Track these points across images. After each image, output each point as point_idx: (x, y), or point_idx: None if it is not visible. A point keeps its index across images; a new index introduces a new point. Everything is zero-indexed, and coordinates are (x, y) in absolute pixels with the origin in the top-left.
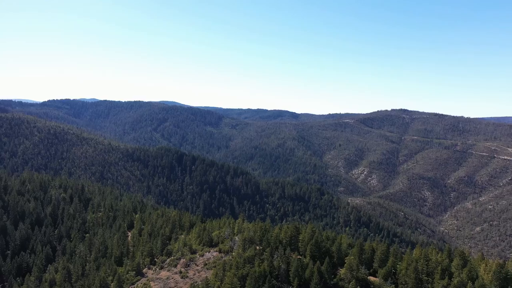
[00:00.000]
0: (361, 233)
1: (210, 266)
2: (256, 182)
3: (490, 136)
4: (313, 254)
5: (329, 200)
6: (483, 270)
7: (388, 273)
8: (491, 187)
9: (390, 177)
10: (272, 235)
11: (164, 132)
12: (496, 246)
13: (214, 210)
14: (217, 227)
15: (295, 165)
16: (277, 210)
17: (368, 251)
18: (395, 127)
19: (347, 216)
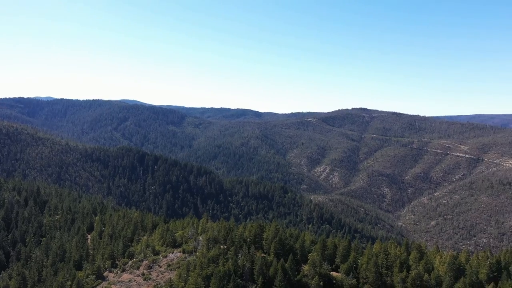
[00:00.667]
0: (324, 230)
1: (174, 267)
2: (220, 181)
3: (444, 134)
4: (277, 252)
5: (293, 198)
6: (438, 262)
7: (350, 268)
8: (445, 182)
9: (351, 174)
10: (237, 234)
11: (125, 132)
12: (450, 239)
13: (178, 210)
14: (181, 227)
15: (258, 163)
16: (241, 209)
17: (331, 247)
18: (355, 125)
19: (310, 214)
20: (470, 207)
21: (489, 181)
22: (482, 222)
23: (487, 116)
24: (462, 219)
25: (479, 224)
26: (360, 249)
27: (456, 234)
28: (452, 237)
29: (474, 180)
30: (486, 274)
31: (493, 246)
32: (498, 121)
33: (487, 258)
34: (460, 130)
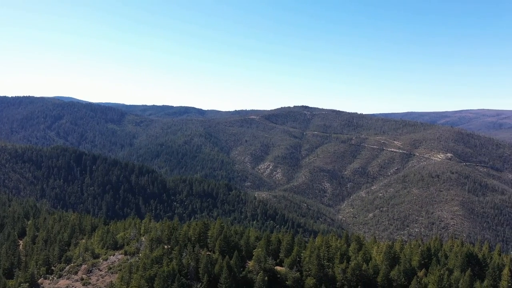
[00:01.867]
0: (268, 226)
1: (115, 269)
2: (162, 180)
3: (380, 131)
4: (222, 249)
5: (237, 195)
6: (375, 252)
7: (294, 262)
8: (381, 176)
9: (293, 171)
10: (181, 233)
11: (59, 130)
12: (386, 230)
13: (118, 211)
14: (122, 228)
15: (202, 161)
16: (185, 208)
17: (275, 242)
18: (297, 123)
19: (254, 210)
20: (403, 199)
21: (420, 174)
22: (414, 213)
23: (418, 114)
24: (397, 211)
25: (411, 215)
26: (303, 243)
27: (391, 225)
28: (388, 228)
29: (407, 173)
30: (418, 261)
31: (424, 235)
32: (427, 119)
33: (418, 246)
34: (394, 127)
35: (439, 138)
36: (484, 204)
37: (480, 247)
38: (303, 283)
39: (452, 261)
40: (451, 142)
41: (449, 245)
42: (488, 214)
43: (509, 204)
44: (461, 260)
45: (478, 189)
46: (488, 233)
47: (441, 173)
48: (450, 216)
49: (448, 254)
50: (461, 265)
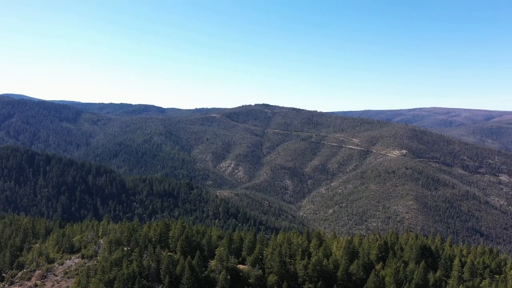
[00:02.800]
0: (230, 224)
1: (72, 274)
2: (121, 180)
3: (339, 128)
4: (184, 249)
5: (198, 194)
6: (335, 247)
7: (256, 260)
8: (340, 173)
9: (255, 169)
10: (141, 234)
11: (10, 130)
12: (345, 225)
13: (75, 213)
14: (79, 231)
15: (163, 160)
16: (145, 208)
17: (237, 240)
18: (258, 121)
19: (216, 209)
20: (361, 194)
21: (377, 170)
22: (372, 208)
23: (375, 112)
24: (355, 206)
25: (369, 210)
26: (265, 241)
27: (350, 220)
28: (347, 223)
29: (364, 170)
30: (376, 255)
31: (381, 229)
32: (384, 116)
33: (376, 240)
34: (352, 125)
35: (395, 135)
36: (436, 198)
37: (433, 239)
38: (266, 280)
39: (407, 254)
40: (405, 139)
41: (405, 238)
42: (440, 207)
43: (458, 197)
44: (415, 252)
45: (431, 184)
46: (440, 225)
47: (397, 169)
48: (405, 210)
49: (403, 247)
50: (416, 257)
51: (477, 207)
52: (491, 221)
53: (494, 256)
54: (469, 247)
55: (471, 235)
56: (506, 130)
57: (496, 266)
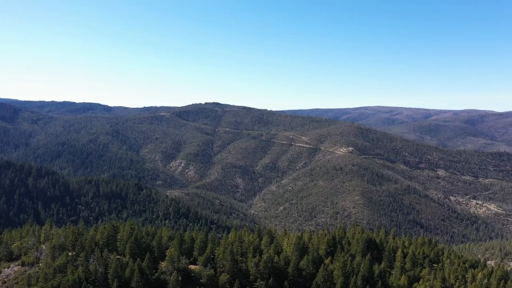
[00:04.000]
0: (181, 224)
1: (11, 283)
2: (65, 182)
3: (288, 127)
4: (133, 252)
5: (148, 195)
6: (286, 244)
7: (208, 259)
8: (290, 170)
9: (206, 168)
10: (87, 238)
11: None
12: (295, 221)
13: (14, 218)
14: (18, 237)
15: (110, 161)
16: (91, 211)
17: (188, 241)
18: (209, 119)
19: (167, 209)
20: (311, 191)
21: (325, 167)
22: (321, 204)
23: (323, 110)
24: (305, 203)
25: (318, 206)
26: (216, 240)
27: (300, 216)
28: (297, 219)
29: (313, 167)
30: (325, 250)
31: (329, 224)
32: (331, 115)
33: (325, 235)
34: (301, 123)
35: (342, 133)
36: (380, 193)
37: (377, 233)
38: (217, 279)
39: (354, 247)
40: (352, 137)
41: (352, 233)
42: (384, 201)
43: (401, 192)
44: (362, 246)
45: (376, 179)
46: (384, 219)
47: (344, 165)
48: (352, 205)
49: (351, 241)
50: (362, 250)
51: (417, 200)
52: (430, 213)
53: (433, 246)
54: (410, 238)
55: (412, 227)
56: (443, 128)
57: (435, 256)
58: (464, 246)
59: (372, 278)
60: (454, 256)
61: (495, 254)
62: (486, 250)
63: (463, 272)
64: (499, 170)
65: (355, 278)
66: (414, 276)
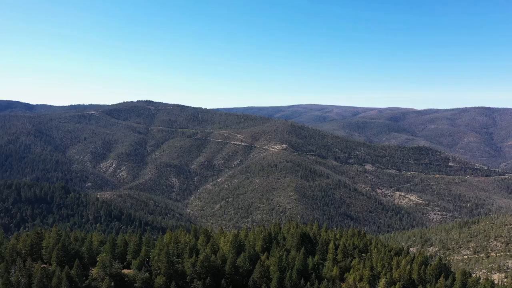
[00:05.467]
0: (113, 227)
1: None
2: None
3: (224, 125)
4: (60, 260)
5: (76, 198)
6: (223, 242)
7: (142, 262)
8: (226, 169)
9: (139, 168)
10: (7, 248)
11: None
12: (232, 219)
13: None
14: None
15: (32, 163)
16: (12, 217)
17: (121, 244)
18: (141, 118)
19: (97, 212)
20: (247, 188)
21: (260, 164)
22: (257, 201)
23: (257, 108)
24: (241, 200)
25: (254, 202)
26: (151, 242)
27: (237, 214)
28: (234, 217)
29: (249, 164)
30: (261, 246)
31: (265, 220)
32: (266, 113)
33: (261, 232)
34: (236, 121)
35: (276, 131)
36: (313, 188)
37: (311, 227)
38: (153, 282)
39: (289, 242)
40: (286, 134)
41: (287, 228)
42: (317, 196)
43: (332, 186)
44: (296, 240)
45: (309, 175)
46: (317, 213)
47: (278, 162)
48: (287, 201)
49: (286, 236)
50: (297, 244)
51: (347, 194)
52: (359, 206)
53: (362, 237)
54: (341, 231)
55: (343, 219)
56: (369, 125)
57: (364, 246)
58: (390, 235)
59: (307, 271)
60: (380, 245)
61: (416, 241)
62: (409, 238)
63: (388, 260)
64: (419, 163)
65: (291, 272)
66: (345, 266)
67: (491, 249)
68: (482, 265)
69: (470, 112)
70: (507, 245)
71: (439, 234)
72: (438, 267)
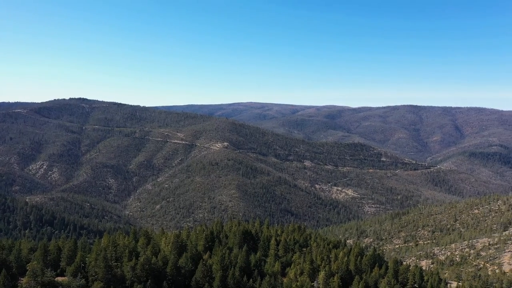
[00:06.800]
0: (45, 233)
1: None
2: None
3: (163, 123)
4: None
5: (2, 203)
6: (164, 243)
7: (77, 269)
8: (166, 168)
9: (73, 169)
10: None
11: None
12: (173, 219)
13: None
14: None
15: None
16: None
17: (54, 251)
18: (75, 116)
19: (27, 217)
20: (188, 187)
21: (202, 163)
22: (198, 200)
23: (198, 106)
24: (182, 200)
25: (196, 202)
26: (87, 247)
27: (178, 213)
28: (175, 217)
29: (190, 163)
30: (203, 245)
31: (207, 219)
32: (206, 111)
33: (203, 231)
34: (176, 119)
35: (217, 129)
36: (255, 185)
37: (253, 224)
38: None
39: (231, 240)
40: (227, 132)
41: (229, 226)
42: (258, 193)
43: (273, 183)
44: (238, 238)
45: (250, 173)
46: (259, 210)
47: (220, 160)
48: (228, 199)
49: (228, 234)
50: (239, 242)
51: (288, 190)
52: (299, 202)
53: (302, 232)
54: (282, 226)
55: (284, 215)
56: (308, 122)
57: (304, 241)
58: (328, 229)
59: (249, 268)
60: (320, 239)
61: (353, 234)
62: (346, 231)
63: (327, 253)
64: (354, 159)
65: (233, 270)
66: (287, 261)
67: (419, 237)
68: (412, 253)
69: (400, 110)
70: (433, 233)
71: (373, 226)
72: (372, 257)
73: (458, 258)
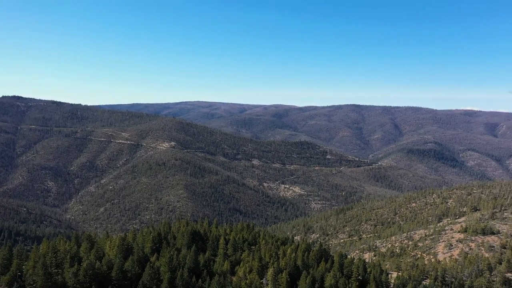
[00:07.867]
0: None
1: None
2: None
3: (107, 123)
4: None
5: None
6: (108, 247)
7: (13, 278)
8: (110, 169)
9: (7, 172)
10: None
11: None
12: (118, 222)
13: None
14: None
15: None
16: None
17: None
18: (8, 116)
19: None
20: (134, 189)
21: (148, 163)
22: (145, 201)
23: (144, 105)
24: (128, 201)
25: (142, 203)
26: (24, 254)
27: (124, 216)
28: (120, 219)
29: (135, 164)
30: (151, 247)
31: (154, 220)
32: (152, 110)
33: (150, 233)
34: (121, 118)
35: (164, 128)
36: (203, 185)
37: (201, 224)
38: None
39: (180, 241)
40: (174, 132)
41: (177, 227)
42: (207, 193)
43: (221, 182)
44: (187, 238)
45: (198, 172)
46: (207, 209)
47: (167, 160)
48: (176, 199)
49: (176, 235)
50: (188, 243)
51: (236, 189)
52: (248, 200)
53: (251, 230)
54: (231, 225)
55: (233, 214)
56: (255, 121)
57: (253, 239)
58: (277, 226)
59: (198, 268)
60: (268, 236)
61: (300, 230)
62: (293, 227)
63: (276, 250)
64: (301, 157)
65: (182, 271)
66: (236, 260)
67: (362, 231)
68: (356, 246)
69: (344, 109)
70: (375, 227)
71: (319, 222)
72: (319, 252)
73: (398, 249)
